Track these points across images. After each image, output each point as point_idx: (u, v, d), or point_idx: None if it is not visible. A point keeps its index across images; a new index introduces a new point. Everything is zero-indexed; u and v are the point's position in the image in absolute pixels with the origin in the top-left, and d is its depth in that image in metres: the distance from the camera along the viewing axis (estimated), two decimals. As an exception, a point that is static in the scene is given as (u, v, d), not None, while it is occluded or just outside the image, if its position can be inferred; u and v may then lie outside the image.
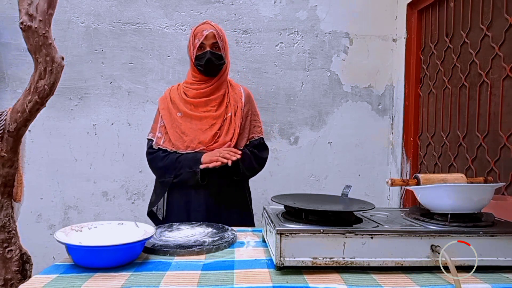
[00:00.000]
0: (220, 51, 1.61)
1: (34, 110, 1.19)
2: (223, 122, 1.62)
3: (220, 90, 1.66)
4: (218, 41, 1.60)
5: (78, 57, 2.47)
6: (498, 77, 1.75)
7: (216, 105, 1.64)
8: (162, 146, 1.64)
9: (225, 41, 1.64)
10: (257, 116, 1.75)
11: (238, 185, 1.67)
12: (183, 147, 1.60)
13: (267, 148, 1.76)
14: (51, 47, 1.16)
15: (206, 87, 1.64)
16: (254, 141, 1.70)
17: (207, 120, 1.62)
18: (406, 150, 2.53)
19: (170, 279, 0.87)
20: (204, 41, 1.58)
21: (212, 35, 1.58)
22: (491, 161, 1.78)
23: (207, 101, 1.64)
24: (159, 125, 1.68)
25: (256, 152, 1.68)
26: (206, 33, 1.57)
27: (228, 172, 1.55)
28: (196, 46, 1.59)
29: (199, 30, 1.60)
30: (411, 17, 2.51)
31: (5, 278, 1.21)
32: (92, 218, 2.49)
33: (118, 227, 1.11)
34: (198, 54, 1.59)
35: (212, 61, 1.58)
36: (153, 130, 1.70)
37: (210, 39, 1.59)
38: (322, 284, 0.84)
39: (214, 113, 1.63)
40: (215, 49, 1.60)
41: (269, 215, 1.08)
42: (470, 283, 0.85)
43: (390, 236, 0.93)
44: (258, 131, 1.72)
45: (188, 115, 1.63)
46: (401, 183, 1.12)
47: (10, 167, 1.21)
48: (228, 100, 1.66)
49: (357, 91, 2.67)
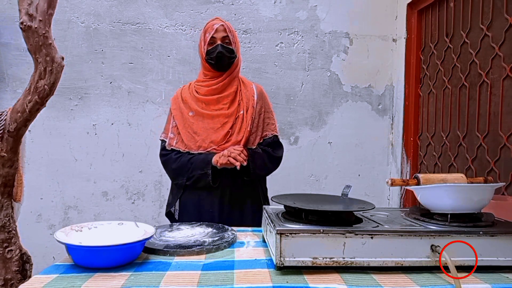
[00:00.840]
0: (231, 45, 1.59)
1: (34, 110, 1.19)
2: (235, 120, 1.60)
3: (232, 87, 1.64)
4: (228, 35, 1.58)
5: (78, 57, 2.47)
6: (498, 77, 1.75)
7: (228, 103, 1.62)
8: (175, 147, 1.62)
9: (235, 36, 1.63)
10: (271, 114, 1.72)
11: (250, 186, 1.64)
12: (195, 147, 1.59)
13: (282, 146, 1.72)
14: (51, 47, 1.16)
15: (217, 82, 1.61)
16: (268, 139, 1.67)
17: (219, 119, 1.59)
18: (406, 150, 2.54)
19: (170, 279, 0.87)
20: (214, 35, 1.57)
21: (222, 29, 1.58)
22: (491, 161, 1.78)
23: (219, 99, 1.61)
24: (172, 125, 1.66)
25: (269, 151, 1.65)
26: (217, 27, 1.57)
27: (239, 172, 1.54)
28: (207, 41, 1.58)
29: (209, 25, 1.60)
30: (411, 17, 2.51)
31: (5, 278, 1.21)
32: (92, 218, 2.49)
33: (118, 227, 1.11)
34: (209, 49, 1.58)
35: (223, 54, 1.56)
36: (166, 131, 1.68)
37: (220, 33, 1.58)
38: (322, 284, 0.84)
39: (227, 111, 1.60)
40: (226, 43, 1.59)
41: (269, 215, 1.08)
42: (470, 283, 0.85)
43: (390, 236, 0.93)
44: (272, 128, 1.69)
45: (200, 114, 1.61)
46: (401, 183, 1.12)
47: (10, 167, 1.21)
48: (240, 98, 1.63)
49: (357, 91, 2.67)
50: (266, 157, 1.63)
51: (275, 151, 1.68)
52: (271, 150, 1.66)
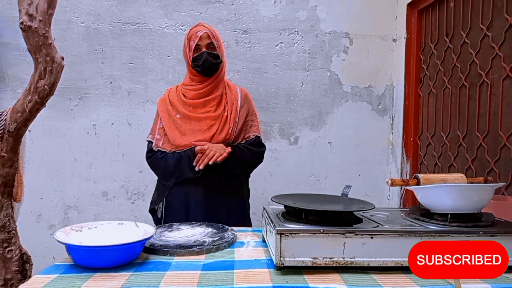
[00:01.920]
0: (216, 51, 1.63)
1: (34, 110, 1.19)
2: (221, 122, 1.63)
3: (218, 90, 1.67)
4: (213, 41, 1.62)
5: (78, 57, 2.47)
6: (498, 77, 1.75)
7: (215, 105, 1.65)
8: (161, 147, 1.65)
9: (219, 41, 1.66)
10: (255, 116, 1.76)
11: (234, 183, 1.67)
12: (181, 148, 1.61)
13: (264, 145, 1.76)
14: (51, 47, 1.16)
15: (204, 87, 1.65)
16: (250, 140, 1.70)
17: (206, 121, 1.63)
18: (406, 150, 2.54)
19: (170, 279, 0.87)
20: (199, 42, 1.61)
21: (206, 36, 1.61)
22: (491, 161, 1.78)
23: (205, 102, 1.65)
24: (158, 126, 1.69)
25: (250, 147, 1.68)
26: (200, 34, 1.60)
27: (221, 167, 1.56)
28: (192, 48, 1.61)
29: (193, 33, 1.63)
30: (411, 17, 2.51)
31: (5, 278, 1.21)
32: (92, 218, 2.48)
33: (118, 227, 1.11)
34: (195, 56, 1.62)
35: (209, 61, 1.60)
36: (153, 132, 1.71)
37: (204, 40, 1.61)
38: (322, 284, 0.85)
39: (213, 114, 1.64)
40: (211, 49, 1.62)
41: (269, 215, 1.08)
42: (470, 283, 0.85)
43: (390, 236, 0.93)
44: (254, 130, 1.73)
45: (187, 116, 1.64)
46: (401, 183, 1.12)
47: (10, 167, 1.21)
48: (226, 101, 1.67)
49: (357, 91, 2.67)
50: (247, 152, 1.66)
51: (256, 147, 1.70)
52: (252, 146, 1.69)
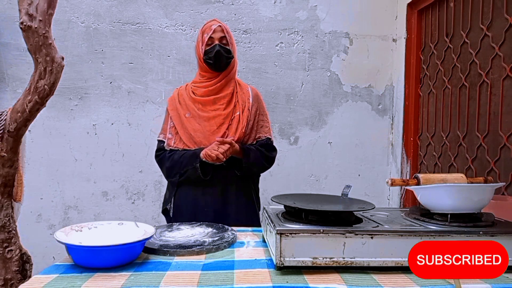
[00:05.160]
0: (228, 46, 1.62)
1: (34, 110, 1.19)
2: (231, 121, 1.61)
3: (229, 88, 1.65)
4: (226, 36, 1.61)
5: (78, 57, 2.47)
6: (498, 77, 1.75)
7: (225, 104, 1.63)
8: (173, 146, 1.63)
9: (232, 38, 1.66)
10: (265, 116, 1.73)
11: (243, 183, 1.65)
12: (194, 147, 1.60)
13: (275, 149, 1.73)
14: (51, 47, 1.16)
15: (214, 83, 1.63)
16: (261, 140, 1.68)
17: (215, 121, 1.60)
18: (406, 150, 2.54)
19: (170, 279, 0.87)
20: (212, 35, 1.60)
21: (220, 29, 1.61)
22: (491, 161, 1.78)
23: (215, 99, 1.62)
24: (169, 126, 1.67)
25: (263, 150, 1.65)
26: (215, 27, 1.60)
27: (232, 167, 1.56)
28: (205, 41, 1.60)
29: (207, 26, 1.63)
30: (411, 17, 2.51)
31: (5, 278, 1.21)
32: (92, 218, 2.49)
33: (118, 227, 1.11)
34: (207, 49, 1.60)
35: (221, 54, 1.58)
36: (164, 131, 1.69)
37: (218, 33, 1.61)
38: (322, 284, 0.84)
39: (223, 112, 1.61)
40: (224, 43, 1.61)
41: (269, 215, 1.08)
42: (470, 283, 0.85)
43: (390, 236, 0.93)
44: (265, 131, 1.70)
45: (196, 115, 1.61)
46: (401, 183, 1.12)
47: (10, 167, 1.21)
48: (236, 100, 1.65)
49: (357, 91, 2.67)
50: (259, 154, 1.64)
51: (269, 151, 1.69)
52: (265, 150, 1.67)
